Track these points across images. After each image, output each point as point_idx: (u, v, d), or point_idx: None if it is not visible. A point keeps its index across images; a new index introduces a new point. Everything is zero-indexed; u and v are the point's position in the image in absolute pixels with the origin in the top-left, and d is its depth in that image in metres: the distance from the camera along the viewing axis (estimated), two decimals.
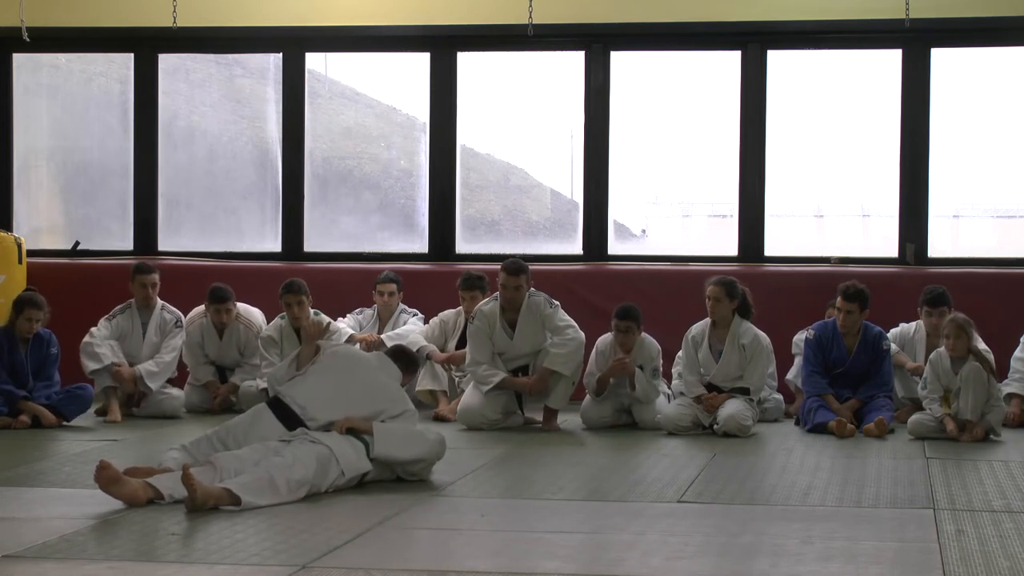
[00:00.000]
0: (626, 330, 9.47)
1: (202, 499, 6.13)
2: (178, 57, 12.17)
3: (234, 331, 10.46)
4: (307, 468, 6.52)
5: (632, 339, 9.50)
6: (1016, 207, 11.73)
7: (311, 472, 6.54)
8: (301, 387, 7.14)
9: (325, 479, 6.63)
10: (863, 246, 11.58)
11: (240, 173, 12.28)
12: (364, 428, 6.93)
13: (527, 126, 11.99)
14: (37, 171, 12.46)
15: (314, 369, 7.25)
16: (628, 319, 9.49)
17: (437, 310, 10.60)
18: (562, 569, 5.23)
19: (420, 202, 11.90)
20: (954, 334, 9.04)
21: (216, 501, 6.18)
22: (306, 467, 6.52)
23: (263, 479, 6.34)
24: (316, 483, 6.57)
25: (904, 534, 5.87)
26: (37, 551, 5.37)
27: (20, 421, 9.32)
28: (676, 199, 12.10)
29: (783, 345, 10.19)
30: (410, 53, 11.82)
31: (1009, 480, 7.30)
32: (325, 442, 6.72)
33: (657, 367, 9.57)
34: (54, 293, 10.28)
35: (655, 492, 6.87)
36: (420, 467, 7.04)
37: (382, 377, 7.32)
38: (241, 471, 6.41)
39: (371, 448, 6.87)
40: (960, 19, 10.97)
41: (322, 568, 5.10)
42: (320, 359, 7.31)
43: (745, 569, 5.22)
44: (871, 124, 11.44)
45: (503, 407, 9.53)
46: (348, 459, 6.75)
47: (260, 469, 6.41)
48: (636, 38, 11.46)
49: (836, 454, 8.27)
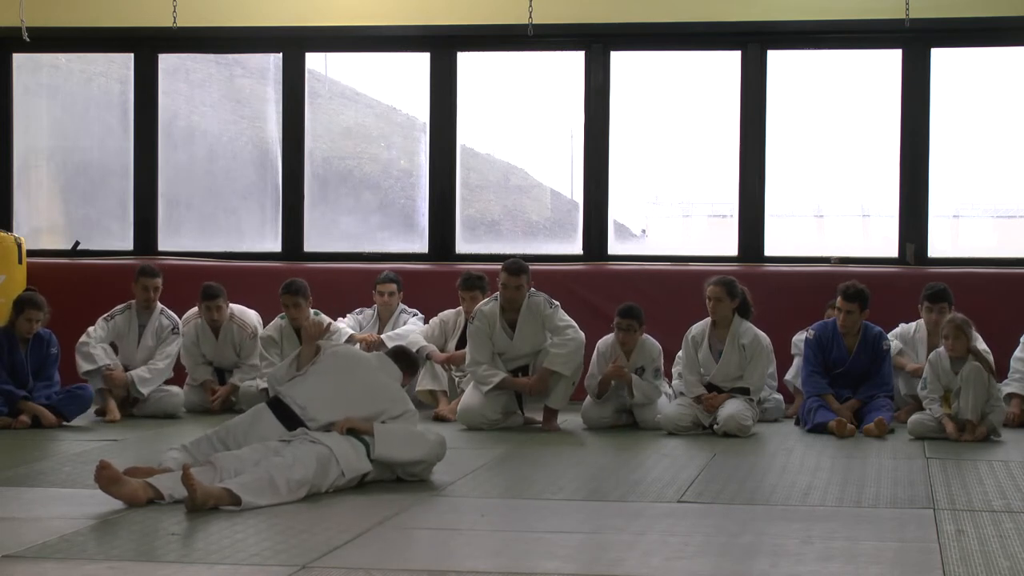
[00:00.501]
0: (627, 328, 9.48)
1: (202, 499, 6.13)
2: (178, 57, 12.17)
3: (229, 332, 10.46)
4: (307, 468, 6.52)
5: (634, 339, 9.51)
6: (1016, 207, 11.73)
7: (311, 472, 6.54)
8: (301, 387, 7.13)
9: (325, 479, 6.63)
10: (863, 246, 11.58)
11: (240, 173, 12.28)
12: (364, 428, 6.93)
13: (527, 126, 11.99)
14: (37, 171, 12.46)
15: (314, 369, 7.24)
16: (630, 318, 9.49)
17: (437, 310, 10.60)
18: (562, 569, 5.23)
19: (420, 202, 11.90)
20: (953, 335, 9.05)
21: (216, 501, 6.18)
22: (306, 467, 6.52)
23: (263, 479, 6.34)
24: (316, 483, 6.56)
25: (904, 534, 5.87)
26: (37, 551, 5.37)
27: (20, 421, 9.32)
28: (676, 199, 12.10)
29: (783, 345, 10.20)
30: (410, 53, 11.82)
31: (1009, 480, 7.30)
32: (325, 442, 6.72)
33: (659, 367, 9.58)
34: (54, 293, 10.28)
35: (655, 492, 6.86)
36: (420, 468, 7.04)
37: (382, 377, 7.32)
38: (241, 471, 6.41)
39: (371, 449, 6.87)
40: (960, 19, 10.97)
41: (322, 568, 5.10)
42: (320, 359, 7.31)
43: (745, 569, 5.22)
44: (871, 124, 11.44)
45: (503, 407, 9.53)
46: (348, 460, 6.75)
47: (260, 469, 6.41)
48: (636, 38, 11.46)
49: (836, 454, 8.27)
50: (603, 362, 9.57)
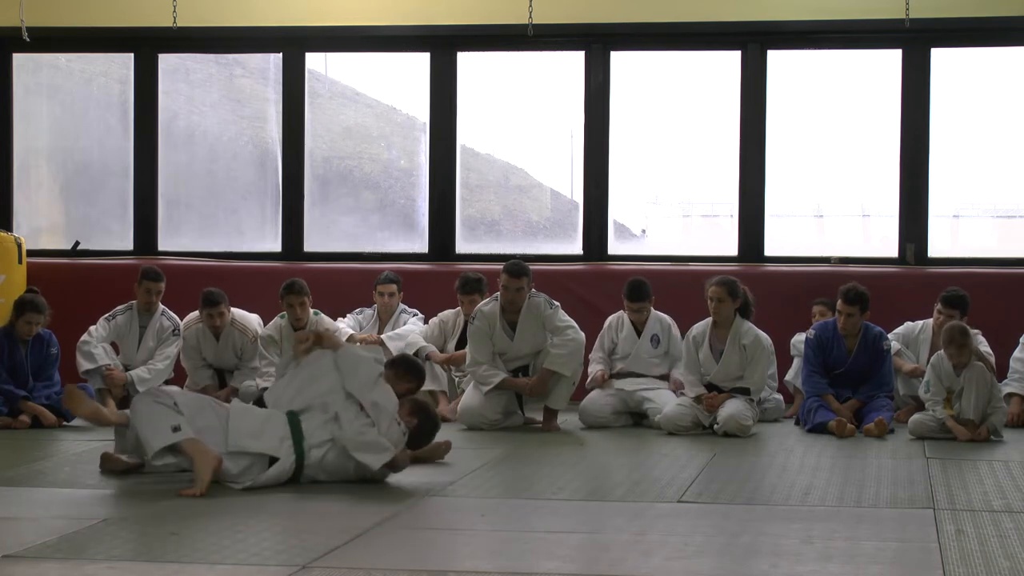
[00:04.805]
0: (639, 311, 9.82)
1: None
2: (178, 57, 12.17)
3: (230, 336, 10.46)
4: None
5: (645, 317, 9.86)
6: (1016, 207, 11.73)
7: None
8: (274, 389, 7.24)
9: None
10: (863, 246, 11.58)
11: (240, 173, 12.28)
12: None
13: (527, 126, 11.99)
14: (37, 171, 12.46)
15: (292, 372, 7.29)
16: (640, 300, 9.84)
17: (437, 310, 10.60)
18: (562, 569, 5.23)
19: (420, 202, 11.89)
20: (956, 351, 8.98)
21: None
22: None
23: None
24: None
25: (904, 534, 5.88)
26: (37, 551, 5.36)
27: (20, 421, 9.32)
28: (676, 199, 12.10)
29: (782, 345, 10.20)
30: (410, 53, 11.82)
31: (1009, 480, 7.30)
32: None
33: (678, 335, 9.85)
34: (54, 293, 10.28)
35: (655, 492, 6.87)
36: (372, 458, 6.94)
37: (334, 377, 7.19)
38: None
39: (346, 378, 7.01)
40: (960, 19, 10.97)
41: (322, 568, 5.10)
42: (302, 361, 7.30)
43: (745, 569, 5.22)
44: (871, 124, 11.43)
45: (503, 407, 9.53)
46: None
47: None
48: (636, 38, 11.46)
49: (836, 454, 8.27)
50: (611, 333, 9.91)
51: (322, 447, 6.90)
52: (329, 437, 6.90)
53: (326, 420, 6.95)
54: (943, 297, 9.88)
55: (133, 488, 6.77)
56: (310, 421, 6.94)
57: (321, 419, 6.95)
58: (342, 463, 6.89)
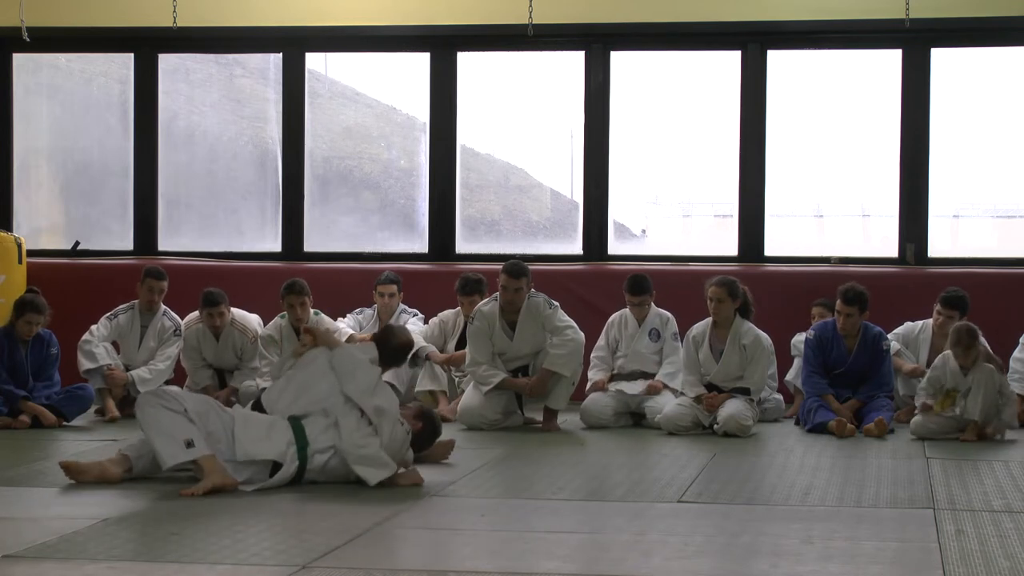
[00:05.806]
0: (640, 304, 9.87)
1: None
2: (178, 57, 12.17)
3: (230, 336, 10.45)
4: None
5: (646, 311, 9.92)
6: (1016, 207, 11.73)
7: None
8: (271, 392, 7.22)
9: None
10: (863, 246, 11.59)
11: (240, 173, 12.28)
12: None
13: (527, 126, 11.99)
14: (37, 171, 12.46)
15: (288, 374, 7.28)
16: (641, 294, 9.90)
17: (437, 310, 10.60)
18: (562, 569, 5.23)
19: (420, 202, 11.90)
20: (964, 344, 8.97)
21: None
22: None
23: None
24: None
25: (904, 534, 5.87)
26: (37, 551, 5.36)
27: (20, 421, 9.32)
28: (676, 199, 12.10)
29: (782, 345, 10.20)
30: (410, 53, 11.82)
31: (1009, 480, 7.30)
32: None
33: (675, 332, 9.89)
34: (54, 293, 10.29)
35: (655, 492, 6.86)
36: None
37: (331, 379, 7.15)
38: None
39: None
40: (960, 19, 10.97)
41: (322, 568, 5.10)
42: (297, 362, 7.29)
43: (745, 569, 5.22)
44: (871, 124, 11.44)
45: (503, 407, 9.53)
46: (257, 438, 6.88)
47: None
48: (636, 38, 11.46)
49: (836, 454, 8.27)
50: (614, 330, 9.97)
51: (325, 452, 6.89)
52: (331, 443, 6.90)
53: (328, 425, 6.94)
54: (943, 298, 9.88)
55: (133, 488, 6.76)
56: (312, 426, 6.93)
57: (323, 424, 6.94)
58: (346, 470, 6.89)
